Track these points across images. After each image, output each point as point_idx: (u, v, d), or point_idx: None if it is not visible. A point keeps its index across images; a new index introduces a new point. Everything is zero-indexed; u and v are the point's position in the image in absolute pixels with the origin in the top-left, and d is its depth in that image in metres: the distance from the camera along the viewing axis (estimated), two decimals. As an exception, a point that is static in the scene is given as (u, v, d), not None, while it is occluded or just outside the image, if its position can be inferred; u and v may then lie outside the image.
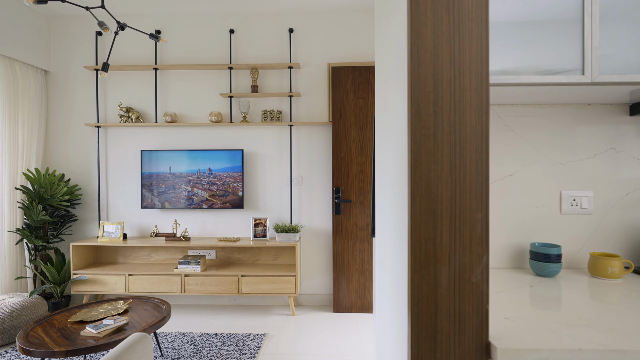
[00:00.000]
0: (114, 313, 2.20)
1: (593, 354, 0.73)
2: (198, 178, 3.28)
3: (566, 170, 1.34)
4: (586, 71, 1.03)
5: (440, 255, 0.76)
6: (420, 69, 0.76)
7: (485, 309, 0.76)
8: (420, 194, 0.76)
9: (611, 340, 0.76)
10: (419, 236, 0.77)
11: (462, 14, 0.76)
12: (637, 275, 1.24)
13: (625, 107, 1.33)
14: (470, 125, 0.76)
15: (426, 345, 0.77)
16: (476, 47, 0.75)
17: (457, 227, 0.76)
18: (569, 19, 1.05)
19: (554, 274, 1.23)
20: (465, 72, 0.76)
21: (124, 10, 3.29)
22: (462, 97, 0.76)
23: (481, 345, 0.76)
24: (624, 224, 1.34)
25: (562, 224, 1.35)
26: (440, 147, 0.76)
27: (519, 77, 1.05)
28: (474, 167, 0.76)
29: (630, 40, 1.04)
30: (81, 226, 3.47)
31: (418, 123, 0.76)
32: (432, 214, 0.76)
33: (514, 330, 0.82)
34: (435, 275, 0.77)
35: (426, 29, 0.76)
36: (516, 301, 1.00)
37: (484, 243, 0.76)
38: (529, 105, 1.34)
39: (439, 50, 0.76)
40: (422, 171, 0.76)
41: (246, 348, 2.48)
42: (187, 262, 3.07)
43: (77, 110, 3.44)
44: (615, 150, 1.33)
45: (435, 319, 0.77)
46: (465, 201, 0.76)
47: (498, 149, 1.35)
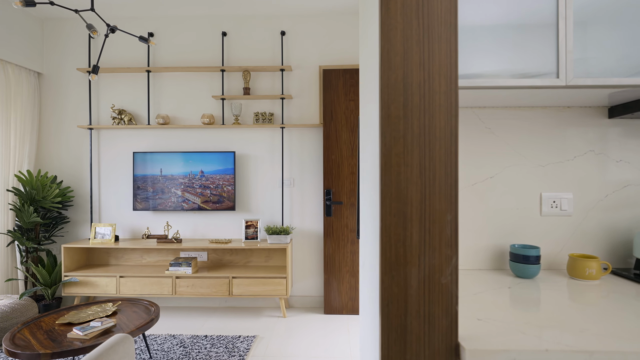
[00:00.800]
0: (103, 315, 2.19)
1: (560, 355, 0.74)
2: (190, 180, 3.28)
3: (546, 172, 1.36)
4: (560, 74, 1.05)
5: (410, 257, 0.77)
6: (391, 72, 0.77)
7: (454, 310, 0.77)
8: (390, 196, 0.77)
9: (579, 341, 0.77)
10: (388, 238, 0.77)
11: (432, 19, 0.77)
12: (616, 277, 1.25)
13: (604, 110, 1.35)
14: (439, 128, 0.77)
15: (396, 347, 0.77)
16: (445, 51, 0.77)
17: (426, 228, 0.77)
18: (544, 23, 1.06)
19: (533, 275, 1.24)
20: (434, 75, 0.77)
21: (117, 13, 3.29)
22: (432, 100, 0.77)
23: (450, 346, 0.77)
24: (604, 226, 1.35)
25: (542, 226, 1.36)
26: (410, 150, 0.77)
27: (494, 80, 1.06)
28: (444, 169, 0.77)
29: (605, 45, 1.06)
30: (73, 228, 3.46)
31: (388, 126, 0.77)
32: (402, 215, 0.77)
33: (486, 332, 0.82)
34: (405, 277, 0.77)
35: (396, 33, 0.77)
36: (492, 302, 1.01)
37: (453, 244, 0.77)
38: (510, 108, 1.36)
39: (409, 54, 0.77)
40: (392, 173, 0.77)
41: (235, 350, 2.48)
42: (178, 264, 3.07)
43: (70, 112, 3.44)
44: (595, 153, 1.35)
45: (405, 320, 0.77)
46: (435, 203, 0.77)
47: (479, 151, 1.36)
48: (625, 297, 1.04)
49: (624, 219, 1.35)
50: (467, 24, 1.07)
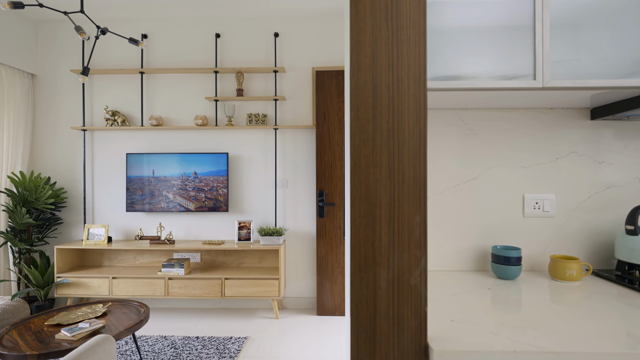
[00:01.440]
0: (92, 316, 2.19)
1: (527, 356, 0.74)
2: (183, 181, 3.29)
3: (529, 174, 1.36)
4: (537, 76, 1.05)
5: (380, 258, 0.77)
6: (360, 74, 0.78)
7: (423, 311, 0.77)
8: (359, 197, 0.78)
9: (549, 342, 0.77)
10: (358, 239, 0.78)
11: (401, 21, 0.77)
12: (597, 278, 1.25)
13: (586, 112, 1.35)
14: (408, 130, 0.77)
15: (366, 347, 0.78)
16: (414, 53, 0.77)
17: (395, 230, 0.77)
18: (521, 25, 1.06)
19: (514, 276, 1.24)
20: (403, 77, 0.77)
21: (111, 15, 3.30)
22: (401, 102, 0.77)
23: (419, 347, 0.77)
24: (586, 227, 1.35)
25: (525, 227, 1.36)
26: (379, 151, 0.77)
27: (472, 82, 1.06)
28: (412, 170, 0.77)
29: (582, 47, 1.06)
30: (67, 229, 3.47)
31: (357, 127, 0.78)
32: (372, 217, 0.77)
33: (457, 333, 0.82)
34: (375, 278, 0.78)
35: (365, 35, 0.77)
36: (469, 304, 1.01)
37: (422, 246, 0.77)
38: (492, 110, 1.36)
39: (378, 56, 0.77)
40: (361, 174, 0.77)
41: (226, 351, 2.48)
42: (170, 265, 3.07)
43: (63, 113, 3.44)
44: (578, 154, 1.35)
45: (375, 321, 0.77)
46: (404, 204, 0.77)
47: (462, 152, 1.36)
48: (603, 298, 1.04)
49: (607, 220, 1.35)
50: (447, 26, 1.07)
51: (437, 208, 1.37)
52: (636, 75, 1.05)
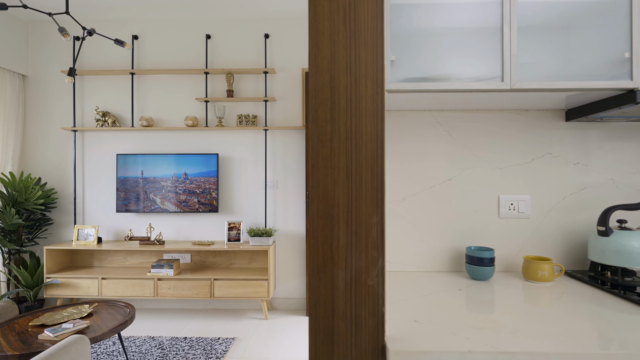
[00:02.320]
0: (78, 317, 2.19)
1: (483, 356, 0.74)
2: (173, 182, 3.29)
3: (504, 175, 1.36)
4: (505, 78, 1.06)
5: (337, 259, 0.78)
6: (318, 76, 0.78)
7: (381, 312, 0.77)
8: (317, 198, 0.78)
9: (507, 342, 0.77)
10: (316, 239, 0.78)
11: (359, 24, 0.78)
12: (570, 279, 1.26)
13: (561, 113, 1.36)
14: (366, 132, 0.78)
15: (324, 347, 0.78)
16: (372, 55, 0.78)
17: (353, 230, 0.78)
18: (490, 28, 1.07)
19: (487, 277, 1.24)
20: (361, 79, 0.78)
21: (101, 16, 3.31)
22: (359, 104, 0.78)
23: (377, 347, 0.77)
24: (562, 228, 1.36)
25: (501, 228, 1.37)
26: (337, 153, 0.78)
27: (441, 83, 1.07)
28: (370, 172, 0.77)
29: (549, 50, 1.07)
30: (57, 230, 3.47)
31: (315, 129, 0.78)
32: (329, 217, 0.78)
33: (418, 333, 0.83)
34: (333, 278, 0.78)
35: (323, 38, 0.78)
36: (438, 304, 1.02)
37: (379, 246, 0.77)
38: (468, 111, 1.37)
39: (336, 58, 0.78)
40: (319, 176, 0.78)
41: (213, 352, 2.48)
42: (160, 266, 3.07)
43: (54, 114, 3.45)
44: (552, 155, 1.36)
45: (333, 322, 0.78)
46: (362, 205, 0.78)
47: (437, 153, 1.37)
48: (572, 299, 1.05)
49: (582, 221, 1.36)
50: (417, 29, 1.08)
51: (413, 209, 1.37)
52: (603, 77, 1.06)
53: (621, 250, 1.17)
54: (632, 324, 0.87)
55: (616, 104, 1.11)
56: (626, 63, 1.05)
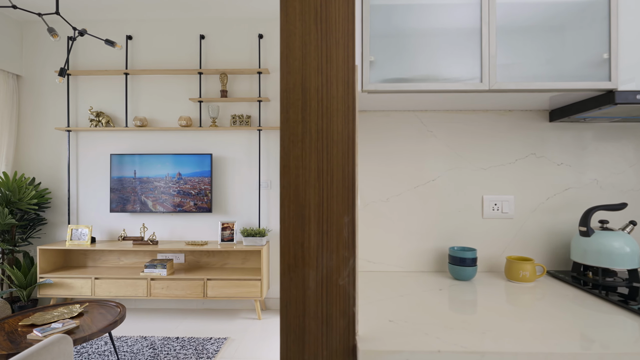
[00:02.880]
0: (68, 316, 2.20)
1: (452, 355, 0.74)
2: (167, 182, 3.30)
3: (488, 175, 1.37)
4: (484, 79, 1.06)
5: (309, 259, 0.78)
6: (290, 76, 0.79)
7: (352, 312, 0.78)
8: (289, 199, 0.78)
9: (477, 342, 0.78)
10: (287, 240, 0.79)
11: (330, 25, 0.78)
12: (553, 279, 1.26)
13: (545, 114, 1.36)
14: (337, 132, 0.78)
15: (295, 347, 0.78)
16: (343, 56, 0.78)
17: (324, 231, 0.78)
18: (468, 29, 1.07)
19: (469, 277, 1.24)
20: (332, 80, 0.78)
21: (95, 17, 3.32)
22: (330, 105, 0.78)
23: (348, 346, 0.78)
24: (545, 228, 1.36)
25: (484, 228, 1.37)
26: (308, 153, 0.78)
27: (419, 84, 1.07)
28: (341, 172, 0.78)
29: (528, 51, 1.07)
30: (51, 230, 3.47)
31: (287, 129, 0.78)
32: (301, 218, 0.78)
33: (390, 333, 0.83)
34: (304, 278, 0.78)
35: (295, 39, 0.78)
36: (416, 304, 1.02)
37: (350, 246, 0.78)
38: (451, 112, 1.37)
39: (307, 59, 0.78)
40: (290, 176, 0.78)
41: (204, 352, 2.48)
42: (153, 266, 3.08)
43: (48, 114, 3.46)
44: (536, 156, 1.36)
45: (304, 321, 0.78)
46: (333, 205, 0.78)
47: (421, 154, 1.37)
48: (552, 299, 1.05)
49: (565, 221, 1.36)
50: (395, 30, 1.08)
51: (397, 209, 1.37)
52: (582, 78, 1.06)
53: (602, 251, 1.17)
54: (608, 324, 0.87)
55: (596, 105, 1.11)
56: (604, 64, 1.06)
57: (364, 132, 1.38)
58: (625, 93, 1.03)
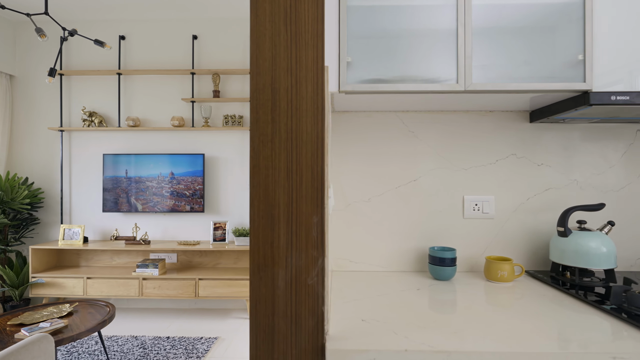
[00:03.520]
0: (57, 316, 2.20)
1: (418, 355, 0.75)
2: (159, 182, 3.30)
3: (469, 176, 1.37)
4: (460, 79, 1.07)
5: (278, 258, 0.79)
6: (259, 77, 0.79)
7: (320, 311, 0.78)
8: (259, 198, 0.79)
9: (446, 342, 0.78)
10: (257, 239, 0.79)
11: (300, 26, 0.79)
12: (532, 279, 1.27)
13: (525, 114, 1.37)
14: (306, 132, 0.79)
15: (264, 346, 0.79)
16: (312, 57, 0.78)
17: (293, 230, 0.79)
18: (445, 30, 1.08)
19: (449, 277, 1.25)
20: (302, 81, 0.79)
21: (88, 17, 3.32)
22: (299, 105, 0.79)
23: (317, 346, 0.78)
24: (525, 229, 1.37)
25: (465, 229, 1.37)
26: (278, 153, 0.79)
27: (395, 85, 1.08)
28: (310, 172, 0.78)
29: (505, 52, 1.08)
30: (44, 229, 3.48)
31: (257, 130, 0.79)
32: (270, 217, 0.79)
33: (361, 332, 0.84)
34: (273, 278, 0.79)
35: (265, 40, 0.79)
36: (390, 304, 1.03)
37: (319, 246, 0.78)
38: (432, 112, 1.37)
39: (277, 60, 0.79)
40: (260, 176, 0.79)
41: (194, 352, 2.49)
42: (145, 266, 3.08)
43: (41, 114, 3.46)
44: (517, 156, 1.37)
45: (273, 321, 0.79)
46: (302, 205, 0.78)
47: (403, 154, 1.38)
48: (528, 299, 1.06)
49: (546, 222, 1.37)
50: (372, 31, 1.09)
51: (378, 209, 1.38)
52: (557, 79, 1.07)
53: (579, 251, 1.18)
54: (579, 323, 0.88)
55: (572, 106, 1.12)
56: (579, 65, 1.06)
57: (345, 132, 1.39)
58: (600, 94, 1.04)
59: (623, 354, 0.74)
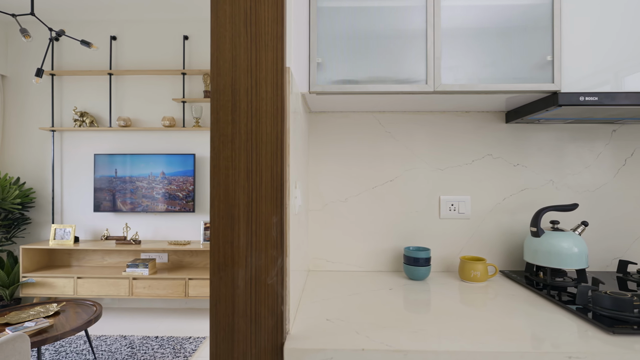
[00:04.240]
0: (44, 315, 2.21)
1: (375, 354, 0.76)
2: (150, 182, 3.31)
3: (445, 176, 1.38)
4: (429, 80, 1.07)
5: (238, 258, 0.79)
6: (220, 78, 0.80)
7: (280, 310, 0.79)
8: (219, 198, 0.80)
9: (405, 341, 0.79)
10: (217, 239, 0.80)
11: (259, 28, 0.79)
12: (506, 279, 1.27)
13: (501, 115, 1.37)
14: (266, 133, 0.79)
15: (224, 345, 0.79)
16: (272, 59, 0.79)
17: (253, 230, 0.79)
18: (415, 31, 1.09)
19: (423, 277, 1.26)
20: (261, 82, 0.79)
21: (79, 17, 3.33)
22: (259, 106, 0.79)
23: (276, 345, 0.79)
24: (501, 229, 1.37)
25: (441, 229, 1.38)
26: (238, 154, 0.79)
27: (365, 86, 1.08)
28: (270, 172, 0.79)
29: (474, 53, 1.08)
30: (35, 229, 3.48)
31: (217, 130, 0.80)
32: (230, 217, 0.79)
33: (322, 331, 0.84)
34: (233, 277, 0.80)
35: (225, 41, 0.80)
36: (359, 303, 1.03)
37: (278, 246, 0.79)
38: (409, 112, 1.38)
39: (237, 61, 0.80)
40: (220, 176, 0.80)
41: (182, 351, 2.49)
42: (135, 266, 3.09)
43: (33, 114, 3.47)
44: (493, 157, 1.37)
45: (233, 320, 0.79)
46: (262, 205, 0.79)
47: (379, 154, 1.38)
48: (497, 299, 1.06)
49: (521, 222, 1.37)
50: (343, 32, 1.10)
51: (355, 209, 1.39)
52: (527, 80, 1.08)
53: (552, 251, 1.18)
54: (544, 323, 0.88)
55: (543, 107, 1.12)
56: (548, 66, 1.07)
57: (322, 133, 1.39)
58: (569, 95, 1.05)
59: (578, 353, 0.74)
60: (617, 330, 0.81)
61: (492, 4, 1.07)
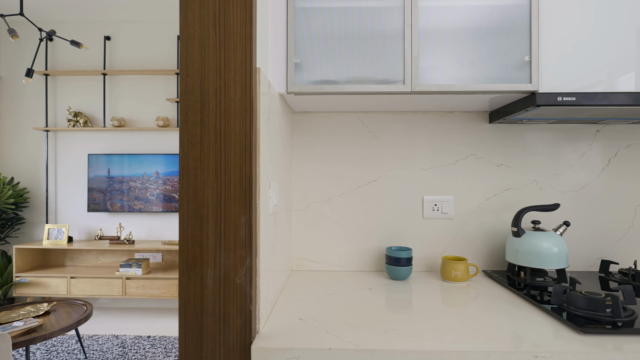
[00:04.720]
0: (33, 315, 2.22)
1: (342, 353, 0.76)
2: (144, 182, 3.31)
3: (428, 176, 1.38)
4: (406, 81, 1.07)
5: (207, 258, 0.80)
6: (188, 79, 0.80)
7: (248, 310, 0.79)
8: (188, 199, 0.80)
9: (374, 341, 0.79)
10: (186, 239, 0.80)
11: (228, 29, 0.79)
12: (487, 279, 1.27)
13: (485, 115, 1.37)
14: (235, 134, 0.79)
15: (193, 344, 0.80)
16: (240, 60, 0.79)
17: (222, 230, 0.79)
18: (392, 31, 1.08)
19: (404, 277, 1.26)
20: (230, 83, 0.79)
21: (74, 17, 3.33)
22: (228, 107, 0.79)
23: (244, 344, 0.79)
24: (484, 229, 1.37)
25: (425, 229, 1.38)
26: (207, 154, 0.79)
27: (343, 86, 1.08)
28: (239, 173, 0.79)
29: (451, 54, 1.08)
30: (29, 229, 3.49)
31: (186, 131, 0.80)
32: (199, 217, 0.80)
33: (293, 331, 0.84)
34: (202, 277, 0.80)
35: (194, 42, 0.80)
36: (335, 303, 1.03)
37: (247, 246, 0.79)
38: (392, 113, 1.38)
39: (206, 62, 0.80)
40: (189, 177, 0.80)
41: (173, 351, 2.50)
42: (128, 265, 3.09)
43: (27, 114, 3.48)
44: (476, 157, 1.37)
45: (202, 319, 0.80)
46: (230, 206, 0.79)
47: (363, 155, 1.38)
48: (477, 299, 1.06)
49: (505, 222, 1.37)
50: (320, 33, 1.10)
51: (338, 209, 1.39)
52: (505, 80, 1.08)
53: (532, 251, 1.18)
54: (518, 323, 0.88)
55: (522, 107, 1.12)
56: (526, 66, 1.07)
57: (306, 133, 1.39)
58: (547, 95, 1.05)
59: (545, 352, 0.74)
60: (587, 330, 0.81)
61: (471, 4, 1.07)
